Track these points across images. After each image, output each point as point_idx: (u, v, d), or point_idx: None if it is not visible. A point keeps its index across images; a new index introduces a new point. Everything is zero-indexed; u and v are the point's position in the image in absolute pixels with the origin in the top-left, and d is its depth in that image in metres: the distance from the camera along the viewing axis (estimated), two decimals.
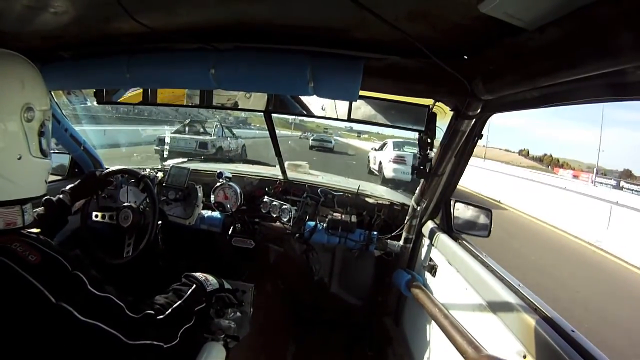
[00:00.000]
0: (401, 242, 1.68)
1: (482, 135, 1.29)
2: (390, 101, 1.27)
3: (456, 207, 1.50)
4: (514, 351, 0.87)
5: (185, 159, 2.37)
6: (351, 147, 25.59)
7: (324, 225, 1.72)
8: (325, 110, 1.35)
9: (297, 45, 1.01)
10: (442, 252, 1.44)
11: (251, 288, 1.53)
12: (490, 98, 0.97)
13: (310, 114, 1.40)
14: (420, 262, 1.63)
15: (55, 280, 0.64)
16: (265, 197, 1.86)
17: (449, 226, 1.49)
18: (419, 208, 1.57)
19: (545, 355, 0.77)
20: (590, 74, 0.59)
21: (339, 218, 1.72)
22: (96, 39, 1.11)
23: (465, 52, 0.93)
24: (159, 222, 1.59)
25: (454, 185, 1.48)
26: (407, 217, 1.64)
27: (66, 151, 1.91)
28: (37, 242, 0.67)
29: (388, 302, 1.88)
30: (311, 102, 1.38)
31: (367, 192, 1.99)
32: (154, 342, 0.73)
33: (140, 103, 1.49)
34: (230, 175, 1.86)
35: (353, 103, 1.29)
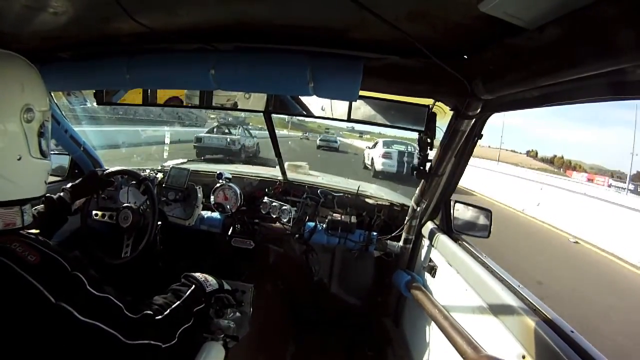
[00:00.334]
0: (401, 243, 1.68)
1: (483, 135, 1.29)
2: (390, 101, 1.27)
3: (456, 207, 1.49)
4: (513, 352, 0.87)
5: (185, 160, 2.37)
6: (352, 146, 26.08)
7: (324, 226, 1.72)
8: (325, 110, 1.35)
9: (297, 46, 1.01)
10: (442, 253, 1.44)
11: (251, 288, 1.52)
12: (490, 98, 0.97)
13: (310, 114, 1.40)
14: (420, 263, 1.63)
15: (54, 280, 0.64)
16: (265, 197, 1.85)
17: (449, 227, 1.49)
18: (418, 209, 1.57)
19: (545, 355, 0.77)
20: (590, 73, 0.59)
21: (339, 219, 1.72)
22: (96, 39, 1.11)
23: (465, 52, 0.93)
24: (159, 223, 1.59)
25: (454, 186, 1.48)
26: (407, 218, 1.64)
27: (66, 152, 1.91)
28: (36, 242, 0.67)
29: (388, 303, 1.87)
30: (311, 102, 1.38)
31: (367, 192, 1.99)
32: (152, 342, 0.73)
33: (140, 104, 1.49)
34: (230, 176, 1.86)
35: (353, 103, 1.29)
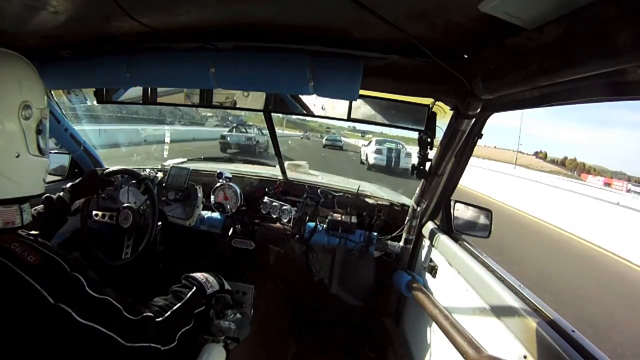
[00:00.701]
0: (401, 243, 1.68)
1: (483, 134, 1.29)
2: (390, 100, 1.27)
3: (456, 207, 1.49)
4: (514, 352, 0.86)
5: (185, 159, 2.36)
6: (353, 146, 26.57)
7: (324, 226, 1.72)
8: (325, 109, 1.35)
9: (297, 45, 1.01)
10: (442, 253, 1.44)
11: (251, 289, 1.52)
12: (490, 97, 0.97)
13: (310, 114, 1.40)
14: (421, 263, 1.63)
15: (53, 281, 0.64)
16: (265, 197, 1.85)
17: (449, 227, 1.49)
18: (419, 209, 1.56)
19: (546, 355, 0.77)
20: (590, 73, 0.58)
21: (339, 219, 1.72)
22: (96, 38, 1.11)
23: (465, 51, 0.93)
24: (159, 223, 1.58)
25: (454, 186, 1.48)
26: (407, 218, 1.63)
27: (66, 151, 1.91)
28: (35, 243, 0.67)
29: (388, 303, 1.87)
30: (311, 101, 1.38)
31: (367, 192, 1.99)
32: (152, 345, 0.73)
33: (140, 102, 1.49)
34: (230, 176, 1.86)
35: (353, 102, 1.29)
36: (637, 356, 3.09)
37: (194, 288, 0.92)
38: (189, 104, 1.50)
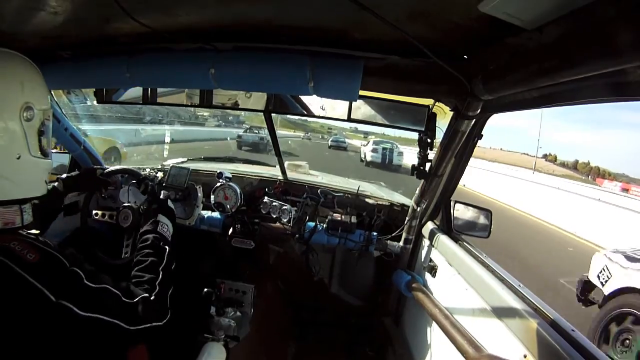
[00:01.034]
0: (401, 243, 1.68)
1: (482, 135, 1.29)
2: (390, 101, 1.27)
3: (456, 207, 1.49)
4: (514, 351, 0.87)
5: (185, 159, 2.36)
6: (354, 146, 27.07)
7: (324, 226, 1.72)
8: (325, 110, 1.35)
9: (297, 45, 1.01)
10: (442, 253, 1.44)
11: (251, 289, 1.53)
12: (490, 98, 0.97)
13: (310, 114, 1.40)
14: (421, 263, 1.63)
15: (54, 279, 0.64)
16: (265, 197, 1.85)
17: (449, 227, 1.49)
18: (418, 209, 1.56)
19: (546, 354, 0.77)
20: (590, 73, 0.58)
21: (339, 219, 1.72)
22: (96, 38, 1.11)
23: (465, 52, 0.93)
24: None
25: (454, 186, 1.48)
26: (407, 218, 1.63)
27: (66, 150, 1.90)
28: (36, 241, 0.67)
29: (388, 303, 1.87)
30: (311, 101, 1.38)
31: (367, 192, 1.99)
32: (154, 324, 0.76)
33: (141, 102, 1.49)
34: (230, 176, 1.86)
35: (353, 103, 1.29)
36: None
37: (166, 247, 0.97)
38: (189, 104, 1.50)
